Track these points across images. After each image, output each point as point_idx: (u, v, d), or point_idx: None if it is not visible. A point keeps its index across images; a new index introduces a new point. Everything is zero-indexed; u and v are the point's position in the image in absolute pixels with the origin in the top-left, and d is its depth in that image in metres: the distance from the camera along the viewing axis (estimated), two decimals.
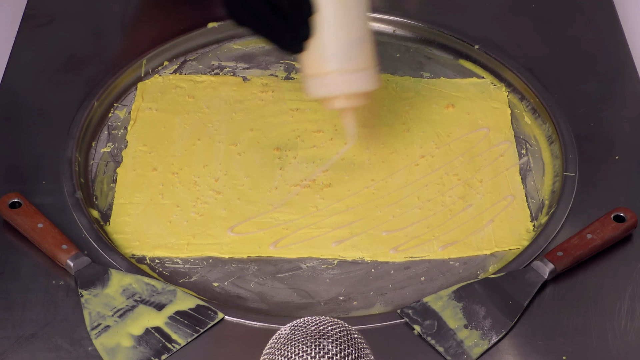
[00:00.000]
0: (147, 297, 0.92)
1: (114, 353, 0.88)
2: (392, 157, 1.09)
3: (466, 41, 1.21)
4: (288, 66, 1.20)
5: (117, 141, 1.10)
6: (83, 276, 0.94)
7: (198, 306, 0.92)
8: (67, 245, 0.95)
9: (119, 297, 0.92)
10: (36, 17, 1.23)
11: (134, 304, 0.92)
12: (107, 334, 0.90)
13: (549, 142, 1.11)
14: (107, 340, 0.89)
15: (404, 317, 0.91)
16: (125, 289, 0.93)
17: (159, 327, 0.90)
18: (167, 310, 0.92)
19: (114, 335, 0.90)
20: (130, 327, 0.90)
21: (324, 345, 0.72)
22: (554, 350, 0.90)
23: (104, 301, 0.92)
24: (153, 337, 0.90)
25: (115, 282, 0.93)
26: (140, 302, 0.92)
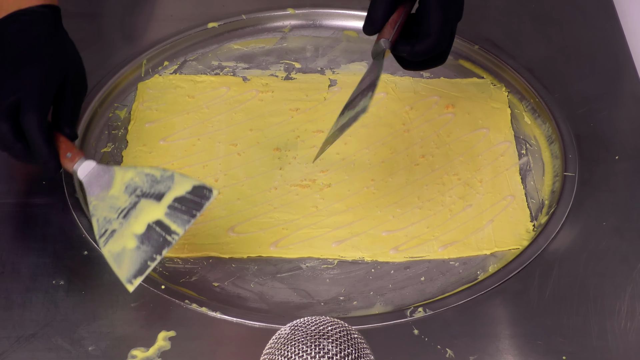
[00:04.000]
0: (147, 190, 0.92)
1: (120, 258, 0.89)
2: (392, 157, 1.09)
3: (466, 41, 1.21)
4: (288, 66, 1.20)
5: (117, 141, 1.10)
6: (89, 182, 0.93)
7: (194, 187, 0.91)
8: (71, 152, 0.95)
9: (122, 195, 0.92)
10: None
11: (136, 200, 0.91)
12: (113, 239, 0.90)
13: (549, 142, 1.11)
14: (114, 245, 0.90)
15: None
16: (128, 185, 0.92)
17: (159, 220, 0.90)
18: (166, 199, 0.91)
19: (120, 238, 0.90)
20: (134, 227, 0.90)
21: (324, 345, 0.72)
22: (554, 350, 0.90)
23: (109, 204, 0.91)
24: (154, 232, 0.90)
25: (119, 179, 0.93)
26: (141, 197, 0.91)
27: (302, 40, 1.24)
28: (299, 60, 1.21)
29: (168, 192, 0.92)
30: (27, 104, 0.92)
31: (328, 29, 1.25)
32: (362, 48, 1.21)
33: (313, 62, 1.21)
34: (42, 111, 0.93)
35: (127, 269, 0.90)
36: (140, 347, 0.90)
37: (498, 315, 0.94)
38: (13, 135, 0.93)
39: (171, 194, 0.91)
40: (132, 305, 0.93)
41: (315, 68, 1.20)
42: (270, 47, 1.23)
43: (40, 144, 0.92)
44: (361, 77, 0.98)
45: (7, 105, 0.92)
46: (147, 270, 0.90)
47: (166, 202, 0.91)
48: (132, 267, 0.90)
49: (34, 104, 0.92)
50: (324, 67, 1.20)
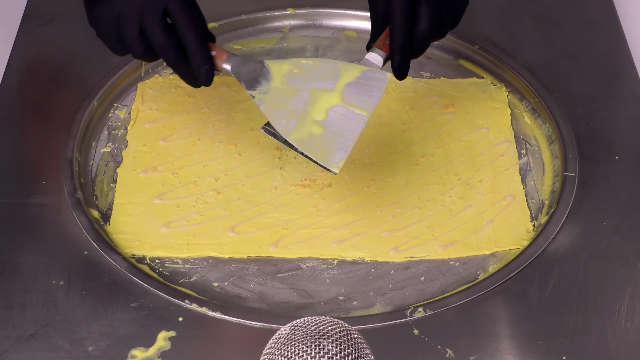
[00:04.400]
0: (313, 79, 0.92)
1: (312, 144, 0.90)
2: (392, 157, 1.09)
3: (466, 41, 1.21)
4: None
5: (117, 141, 1.10)
6: (245, 76, 0.93)
7: (363, 72, 0.92)
8: (215, 51, 0.95)
9: (287, 87, 0.92)
10: (36, 17, 1.23)
11: (305, 89, 0.92)
12: (296, 128, 0.91)
13: (549, 142, 1.11)
14: (299, 133, 0.91)
15: None
16: (289, 77, 0.93)
17: (339, 106, 0.91)
18: (338, 85, 0.91)
19: (303, 126, 0.91)
20: (313, 114, 0.91)
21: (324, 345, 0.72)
22: (554, 350, 0.90)
23: (276, 95, 0.92)
24: (338, 116, 0.90)
25: (277, 73, 0.93)
26: (310, 86, 0.91)
27: (302, 40, 1.24)
28: None
29: (338, 79, 0.92)
30: (181, 11, 0.93)
31: (328, 29, 1.25)
32: (362, 48, 1.20)
33: None
34: (196, 17, 0.94)
35: (324, 154, 0.90)
36: (140, 347, 0.90)
37: (498, 315, 0.94)
38: (171, 43, 0.93)
39: (342, 80, 0.92)
40: (132, 305, 0.93)
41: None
42: (270, 47, 1.23)
43: (199, 51, 0.94)
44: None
45: (161, 14, 0.93)
46: (348, 151, 0.91)
47: (339, 88, 0.91)
48: (329, 152, 0.91)
49: (187, 12, 0.93)
50: None
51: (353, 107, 0.90)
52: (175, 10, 0.93)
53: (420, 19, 0.96)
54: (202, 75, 0.95)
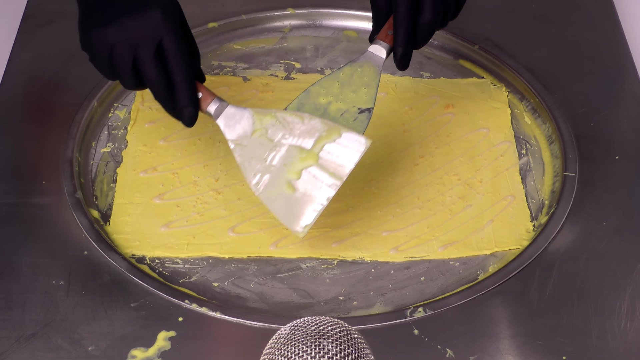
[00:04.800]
0: (293, 134, 0.92)
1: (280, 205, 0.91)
2: (392, 157, 1.09)
3: (466, 41, 1.21)
4: (288, 66, 1.20)
5: (117, 141, 1.10)
6: (226, 123, 0.94)
7: (344, 135, 0.92)
8: (202, 93, 0.96)
9: (266, 140, 0.92)
10: (36, 17, 1.23)
11: (282, 145, 0.92)
12: (268, 186, 0.92)
13: (549, 142, 1.11)
14: (270, 192, 0.92)
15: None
16: (270, 129, 0.93)
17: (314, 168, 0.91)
18: (316, 145, 0.92)
19: (275, 185, 0.92)
20: (287, 173, 0.91)
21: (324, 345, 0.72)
22: (554, 350, 0.90)
23: (253, 148, 0.92)
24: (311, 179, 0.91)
25: (258, 122, 0.93)
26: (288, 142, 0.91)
27: (302, 40, 1.24)
28: (299, 60, 1.21)
29: (317, 139, 0.92)
30: (174, 49, 0.93)
31: (328, 29, 1.25)
32: (362, 48, 1.20)
33: (313, 62, 1.21)
34: (188, 56, 0.94)
35: (291, 216, 0.91)
36: (140, 347, 0.90)
37: (498, 315, 0.94)
38: (160, 79, 0.93)
39: (321, 140, 0.92)
40: (132, 305, 0.93)
41: (315, 68, 1.20)
42: (270, 47, 1.23)
43: (185, 92, 0.94)
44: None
45: (154, 49, 0.92)
46: (314, 217, 0.91)
47: (317, 148, 0.91)
48: (296, 215, 0.91)
49: (180, 49, 0.93)
50: (324, 67, 1.20)
51: (327, 172, 0.91)
52: (168, 47, 0.93)
53: (424, 9, 0.96)
54: (184, 117, 0.95)
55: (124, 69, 0.94)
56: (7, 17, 1.27)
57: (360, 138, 0.93)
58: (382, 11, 1.00)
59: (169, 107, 0.96)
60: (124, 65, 0.93)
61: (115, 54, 0.93)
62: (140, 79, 0.94)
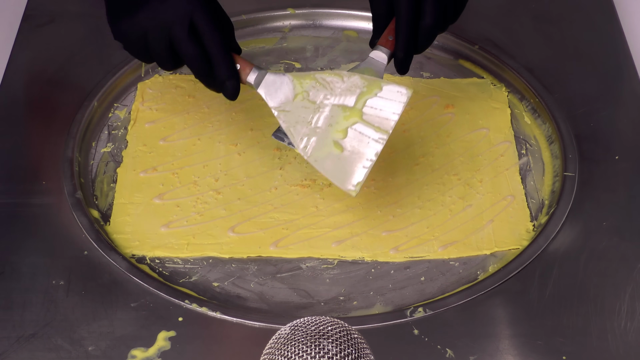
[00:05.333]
0: (334, 94, 0.92)
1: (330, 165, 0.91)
2: (392, 157, 1.09)
3: (466, 41, 1.21)
4: (288, 66, 1.20)
5: (117, 141, 1.10)
6: (268, 91, 0.94)
7: (385, 88, 0.91)
8: (240, 64, 0.96)
9: (309, 103, 0.92)
10: (36, 17, 1.23)
11: (325, 106, 0.92)
12: (316, 147, 0.92)
13: (549, 142, 1.11)
14: (319, 153, 0.92)
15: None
16: (311, 92, 0.93)
17: (359, 124, 0.90)
18: (359, 102, 0.91)
19: (322, 146, 0.92)
20: (333, 133, 0.91)
21: (324, 345, 0.72)
22: (554, 350, 0.90)
23: (297, 112, 0.93)
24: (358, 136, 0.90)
25: (298, 87, 0.93)
26: (331, 102, 0.91)
27: (302, 40, 1.24)
28: (299, 60, 1.21)
29: (359, 95, 0.92)
30: (207, 24, 0.93)
31: (328, 29, 1.25)
32: (362, 48, 1.21)
33: (313, 62, 1.21)
34: (221, 29, 0.94)
35: (342, 175, 0.91)
36: (140, 347, 0.90)
37: (498, 315, 0.94)
38: (198, 56, 0.94)
39: (362, 96, 0.92)
40: (132, 305, 0.93)
41: (315, 68, 1.20)
42: (270, 47, 1.23)
43: (224, 65, 0.94)
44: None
45: (188, 27, 0.93)
46: (364, 174, 0.92)
47: (359, 105, 0.91)
48: (347, 173, 0.91)
49: (212, 24, 0.94)
50: (324, 67, 1.20)
51: (372, 127, 0.91)
52: (200, 23, 0.94)
53: (425, 14, 0.96)
54: (228, 90, 0.96)
55: (161, 52, 0.95)
56: (7, 17, 1.27)
57: (401, 89, 0.93)
58: (381, 15, 1.00)
59: (211, 83, 0.97)
60: (161, 49, 0.95)
61: (151, 38, 0.95)
62: (177, 59, 0.96)
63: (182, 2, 0.93)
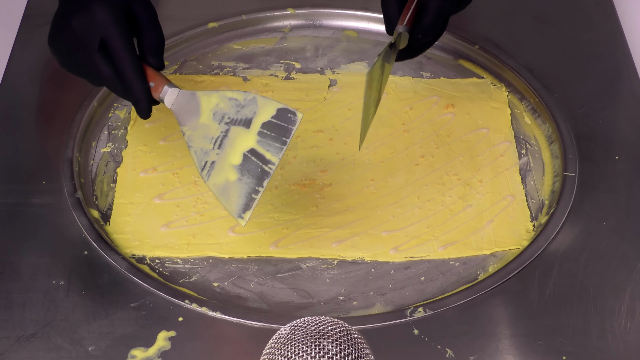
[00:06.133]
0: (234, 115, 0.91)
1: (226, 191, 0.90)
2: (392, 157, 1.09)
3: (466, 41, 1.21)
4: (288, 66, 1.20)
5: (117, 141, 1.10)
6: (179, 111, 0.93)
7: (278, 111, 0.91)
8: (154, 82, 0.95)
9: (212, 123, 0.92)
10: (36, 17, 1.23)
11: (226, 128, 0.91)
12: (215, 172, 0.91)
13: (549, 142, 1.11)
14: (217, 178, 0.91)
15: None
16: (215, 112, 0.92)
17: (253, 149, 0.90)
18: (254, 125, 0.91)
19: (220, 171, 0.91)
20: (230, 157, 0.91)
21: (324, 345, 0.72)
22: (554, 350, 0.90)
23: (202, 133, 0.92)
24: (251, 162, 0.90)
25: (205, 106, 0.93)
26: (231, 124, 0.91)
27: (302, 40, 1.24)
28: (299, 60, 1.21)
29: (255, 118, 0.91)
30: (115, 45, 0.92)
31: (328, 29, 1.25)
32: (362, 48, 1.21)
33: (313, 62, 1.21)
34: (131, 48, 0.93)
35: (234, 204, 0.91)
36: (140, 347, 0.90)
37: (498, 315, 0.94)
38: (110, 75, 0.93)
39: (258, 119, 0.91)
40: (132, 305, 0.93)
41: (315, 68, 1.20)
42: (270, 47, 1.23)
43: (133, 86, 0.93)
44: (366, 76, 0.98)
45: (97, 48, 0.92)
46: (254, 203, 0.90)
47: (255, 128, 0.91)
48: (238, 201, 0.91)
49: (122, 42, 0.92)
50: (324, 67, 1.20)
51: (264, 153, 0.90)
52: (109, 42, 0.92)
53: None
54: (138, 110, 0.95)
55: (82, 71, 0.95)
56: (7, 17, 1.27)
57: (293, 113, 0.90)
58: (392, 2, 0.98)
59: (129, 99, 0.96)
60: (81, 68, 0.94)
61: (72, 58, 0.94)
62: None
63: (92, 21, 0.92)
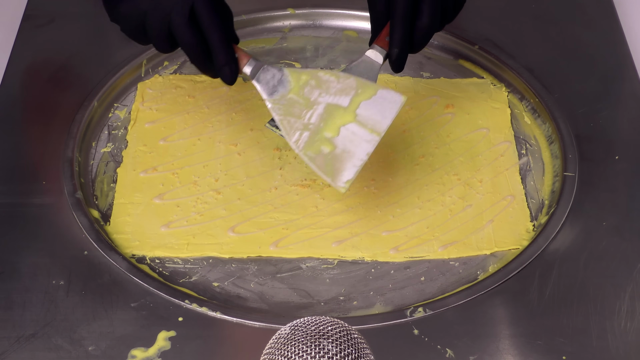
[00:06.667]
0: (329, 92, 0.93)
1: (321, 161, 0.93)
2: (392, 157, 1.09)
3: (466, 41, 1.21)
4: (288, 66, 1.20)
5: (117, 141, 1.10)
6: (263, 83, 0.95)
7: (379, 92, 0.93)
8: (238, 54, 0.97)
9: (303, 98, 0.94)
10: (36, 17, 1.23)
11: (320, 103, 0.93)
12: (308, 143, 0.94)
13: (549, 142, 1.11)
14: (311, 148, 0.93)
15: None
16: (307, 88, 0.94)
17: (352, 124, 0.92)
18: (353, 103, 0.93)
19: (314, 142, 0.93)
20: (325, 130, 0.93)
21: (324, 345, 0.72)
22: (554, 350, 0.90)
23: (291, 106, 0.94)
24: (350, 135, 0.92)
25: (295, 81, 0.95)
26: (325, 100, 0.93)
27: (302, 40, 1.24)
28: (299, 60, 1.21)
29: (353, 97, 0.93)
30: (207, 12, 0.94)
31: (328, 29, 1.25)
32: (362, 48, 1.20)
33: (313, 62, 1.21)
34: (221, 18, 0.95)
35: (332, 172, 0.93)
36: (140, 347, 0.90)
37: (498, 315, 0.94)
38: (197, 43, 0.95)
39: (357, 98, 0.93)
40: (132, 305, 0.93)
41: (315, 68, 1.20)
42: (270, 47, 1.23)
43: (222, 51, 0.95)
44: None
45: (188, 14, 0.93)
46: (356, 172, 0.93)
47: (353, 106, 0.93)
48: (337, 170, 0.93)
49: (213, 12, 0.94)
50: (324, 67, 1.20)
51: (365, 128, 0.92)
52: (201, 11, 0.94)
53: (422, 13, 0.96)
54: (225, 75, 0.97)
55: (159, 36, 0.96)
56: (7, 17, 1.27)
57: (395, 95, 0.94)
58: (380, 16, 1.00)
59: (208, 69, 0.97)
60: (159, 33, 0.95)
61: (149, 21, 0.95)
62: (175, 44, 0.96)
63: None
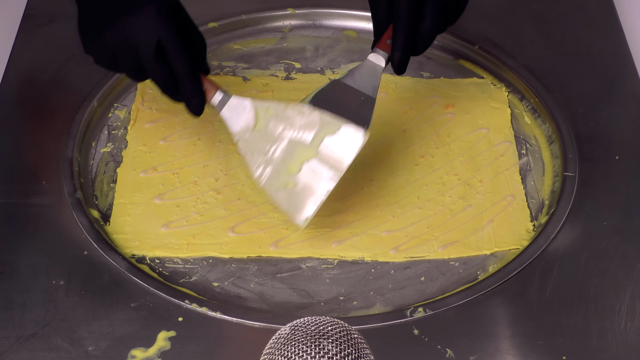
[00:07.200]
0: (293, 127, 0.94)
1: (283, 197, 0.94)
2: (392, 157, 1.09)
3: (466, 41, 1.21)
4: (288, 66, 1.20)
5: (117, 141, 1.10)
6: (229, 115, 0.96)
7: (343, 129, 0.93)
8: (205, 86, 0.98)
9: (268, 133, 0.95)
10: (36, 17, 1.23)
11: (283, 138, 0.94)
12: (271, 178, 0.95)
13: (549, 142, 1.11)
14: (274, 184, 0.95)
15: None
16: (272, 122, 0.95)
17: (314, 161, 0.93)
18: (316, 139, 0.94)
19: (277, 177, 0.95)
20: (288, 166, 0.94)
21: (324, 345, 0.72)
22: (554, 350, 0.90)
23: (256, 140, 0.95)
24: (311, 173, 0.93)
25: (261, 115, 0.96)
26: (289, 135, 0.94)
27: (302, 40, 1.24)
28: (299, 60, 1.21)
29: (317, 133, 0.94)
30: (174, 46, 0.94)
31: (328, 29, 1.25)
32: (362, 48, 1.21)
33: (313, 62, 1.21)
34: (188, 51, 0.95)
35: (292, 209, 0.94)
36: (140, 347, 0.90)
37: (498, 315, 0.94)
38: (165, 75, 0.95)
39: (320, 134, 0.94)
40: (132, 305, 0.93)
41: (315, 68, 1.20)
42: (270, 47, 1.23)
43: (189, 84, 0.96)
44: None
45: (155, 49, 0.94)
46: (315, 210, 0.94)
47: (316, 143, 0.94)
48: (297, 207, 0.94)
49: (178, 44, 0.95)
50: (324, 67, 1.20)
51: (326, 165, 0.93)
52: (167, 44, 0.94)
53: (425, 16, 0.96)
54: (192, 107, 0.98)
55: (130, 69, 0.97)
56: (7, 17, 1.27)
57: (358, 132, 0.94)
58: (382, 19, 1.00)
59: (178, 99, 0.99)
60: (130, 66, 0.96)
61: (119, 57, 0.96)
62: (146, 74, 0.97)
63: (150, 22, 0.94)
